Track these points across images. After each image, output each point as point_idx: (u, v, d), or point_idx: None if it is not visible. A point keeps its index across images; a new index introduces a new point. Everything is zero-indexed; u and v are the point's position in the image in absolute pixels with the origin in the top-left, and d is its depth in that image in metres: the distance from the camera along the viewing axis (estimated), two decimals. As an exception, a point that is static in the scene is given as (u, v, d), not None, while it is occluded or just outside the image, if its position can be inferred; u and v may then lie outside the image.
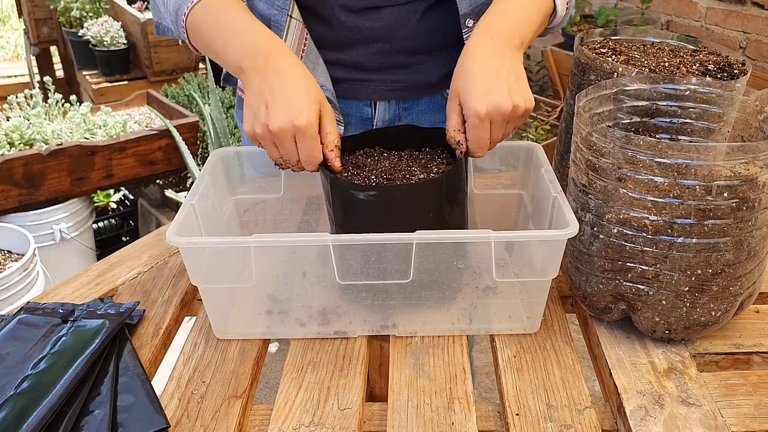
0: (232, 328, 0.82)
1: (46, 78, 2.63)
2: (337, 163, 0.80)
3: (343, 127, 1.01)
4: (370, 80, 1.02)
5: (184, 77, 3.02)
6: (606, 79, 0.87)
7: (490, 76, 0.79)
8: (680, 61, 0.91)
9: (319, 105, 0.79)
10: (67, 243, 2.41)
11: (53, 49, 3.81)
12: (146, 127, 2.59)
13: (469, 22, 0.95)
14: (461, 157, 0.81)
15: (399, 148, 0.89)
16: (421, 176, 0.81)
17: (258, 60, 0.81)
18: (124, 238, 2.86)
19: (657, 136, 0.86)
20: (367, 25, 0.98)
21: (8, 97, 2.49)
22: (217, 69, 2.73)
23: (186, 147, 2.46)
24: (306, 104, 0.77)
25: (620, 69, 0.86)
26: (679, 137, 0.86)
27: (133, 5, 3.28)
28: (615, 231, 0.74)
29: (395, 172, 0.82)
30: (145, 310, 0.85)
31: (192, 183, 2.64)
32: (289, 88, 0.78)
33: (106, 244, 2.76)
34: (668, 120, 0.85)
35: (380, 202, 0.78)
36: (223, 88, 2.90)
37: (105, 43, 3.14)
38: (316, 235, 0.76)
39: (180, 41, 0.96)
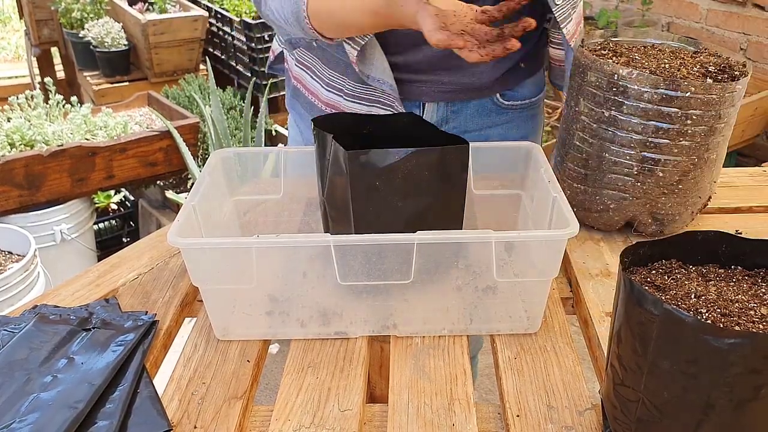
0: (233, 329, 0.82)
1: (47, 79, 2.63)
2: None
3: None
4: (420, 81, 1.03)
5: (184, 78, 3.02)
6: (607, 80, 0.87)
7: None
8: (681, 62, 0.91)
9: None
10: (68, 244, 2.41)
11: (54, 50, 3.81)
12: (147, 128, 2.59)
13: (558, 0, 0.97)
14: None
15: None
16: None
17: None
18: (124, 239, 2.86)
19: (659, 137, 0.86)
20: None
21: (9, 98, 2.49)
22: (217, 72, 2.72)
23: (186, 148, 2.46)
24: None
25: (621, 71, 0.86)
26: (681, 140, 0.86)
27: (134, 6, 3.28)
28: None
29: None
30: (158, 320, 0.84)
31: (192, 184, 2.63)
32: None
33: (106, 245, 2.76)
34: (670, 121, 0.85)
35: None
36: (224, 89, 2.90)
37: (106, 44, 3.14)
38: (318, 236, 0.76)
39: (314, 41, 0.99)
